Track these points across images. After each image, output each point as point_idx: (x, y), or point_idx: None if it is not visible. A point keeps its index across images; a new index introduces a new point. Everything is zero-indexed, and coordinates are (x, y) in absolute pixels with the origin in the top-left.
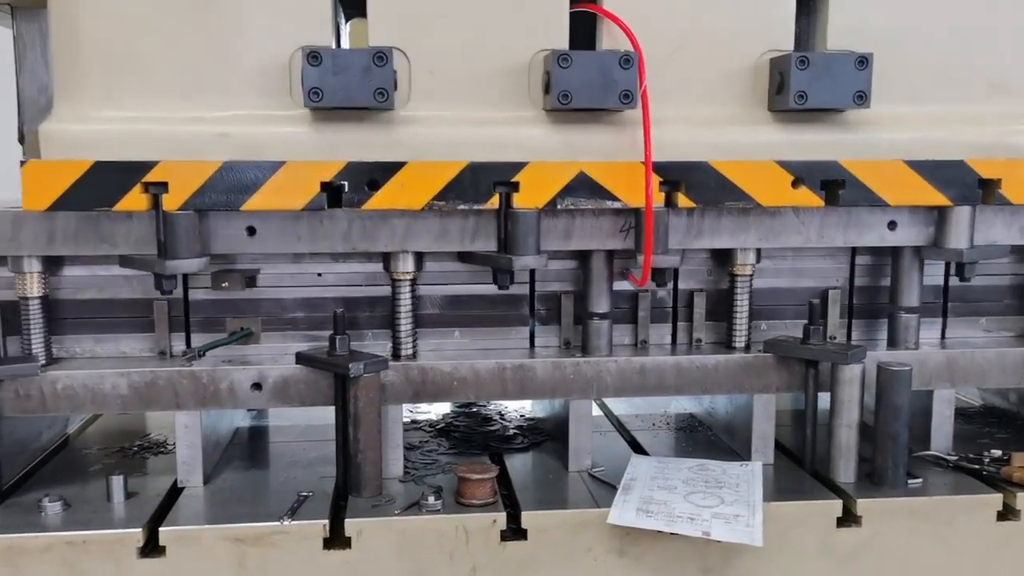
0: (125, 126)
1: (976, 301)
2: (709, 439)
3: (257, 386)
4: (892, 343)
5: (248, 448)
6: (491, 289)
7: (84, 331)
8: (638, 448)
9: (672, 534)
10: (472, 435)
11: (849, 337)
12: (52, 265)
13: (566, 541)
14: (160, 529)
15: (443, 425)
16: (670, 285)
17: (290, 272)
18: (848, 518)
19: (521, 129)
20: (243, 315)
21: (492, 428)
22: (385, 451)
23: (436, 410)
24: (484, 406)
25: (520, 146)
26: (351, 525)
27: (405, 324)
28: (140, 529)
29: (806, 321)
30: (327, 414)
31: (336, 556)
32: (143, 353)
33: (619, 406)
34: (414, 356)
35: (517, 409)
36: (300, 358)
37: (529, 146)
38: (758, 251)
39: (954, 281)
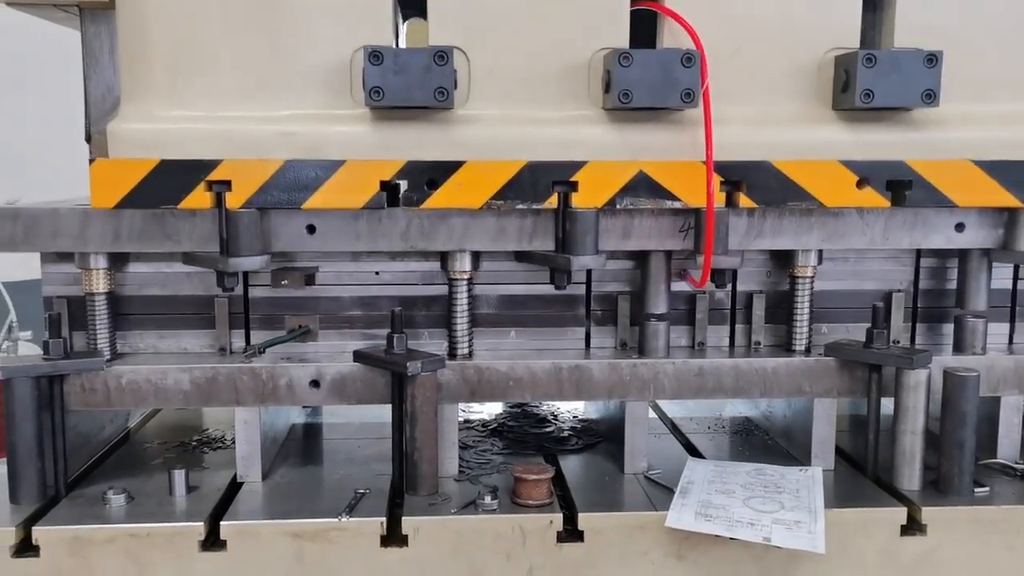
0: (190, 125)
1: None
2: (766, 443)
3: (315, 383)
4: (958, 348)
5: (304, 445)
6: (548, 289)
7: (147, 327)
8: (693, 451)
9: (731, 539)
10: (526, 436)
11: (913, 341)
12: (117, 261)
13: (622, 543)
14: (221, 523)
15: (496, 425)
16: (729, 287)
17: (348, 271)
18: (912, 526)
19: (580, 128)
20: (302, 312)
21: (546, 429)
22: (441, 450)
23: (488, 410)
24: (537, 407)
25: (579, 145)
26: (408, 523)
27: (461, 323)
28: (202, 523)
29: (868, 324)
30: (381, 412)
31: (393, 554)
32: (204, 349)
33: (673, 409)
34: (470, 355)
35: (570, 410)
36: (358, 356)
37: (588, 145)
38: (820, 253)
39: None
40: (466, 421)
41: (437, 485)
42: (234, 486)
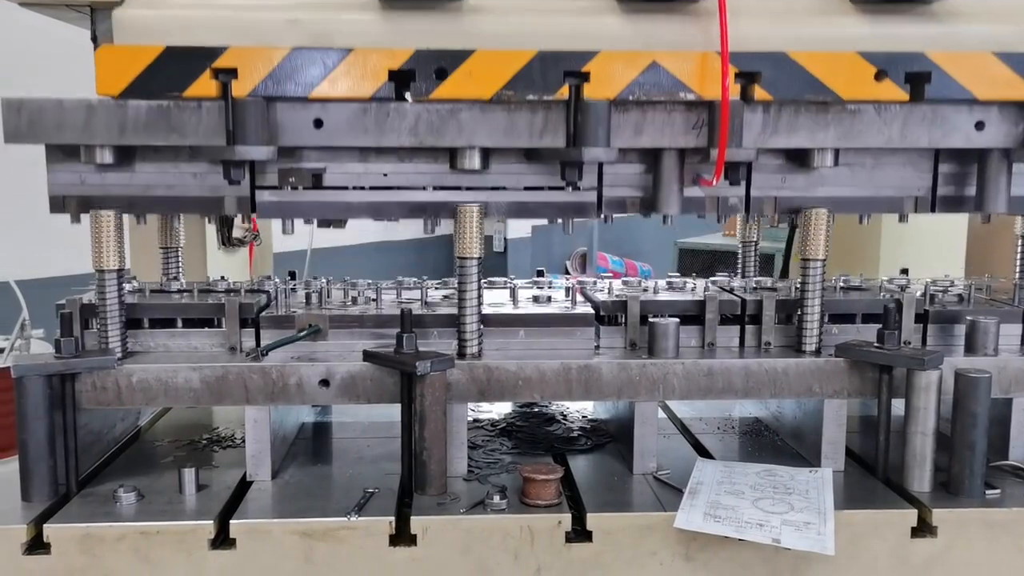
0: (196, 11)
1: None
2: (775, 444)
3: (325, 382)
4: (970, 349)
5: (313, 444)
6: (558, 196)
7: (158, 327)
8: (703, 452)
9: (740, 540)
10: (535, 435)
11: (924, 342)
12: (123, 157)
13: (631, 544)
14: (231, 522)
15: (505, 425)
16: (738, 283)
17: (356, 172)
18: (923, 528)
19: (593, 18)
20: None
21: (554, 429)
22: (450, 449)
23: (497, 410)
24: (546, 406)
25: (591, 35)
26: (417, 523)
27: (470, 323)
28: (212, 521)
29: (880, 325)
30: (390, 411)
31: (401, 553)
32: (214, 348)
33: (682, 409)
34: (479, 355)
35: (579, 410)
36: (367, 356)
37: (600, 36)
38: (836, 153)
39: None
40: (475, 420)
41: (446, 485)
42: (244, 485)
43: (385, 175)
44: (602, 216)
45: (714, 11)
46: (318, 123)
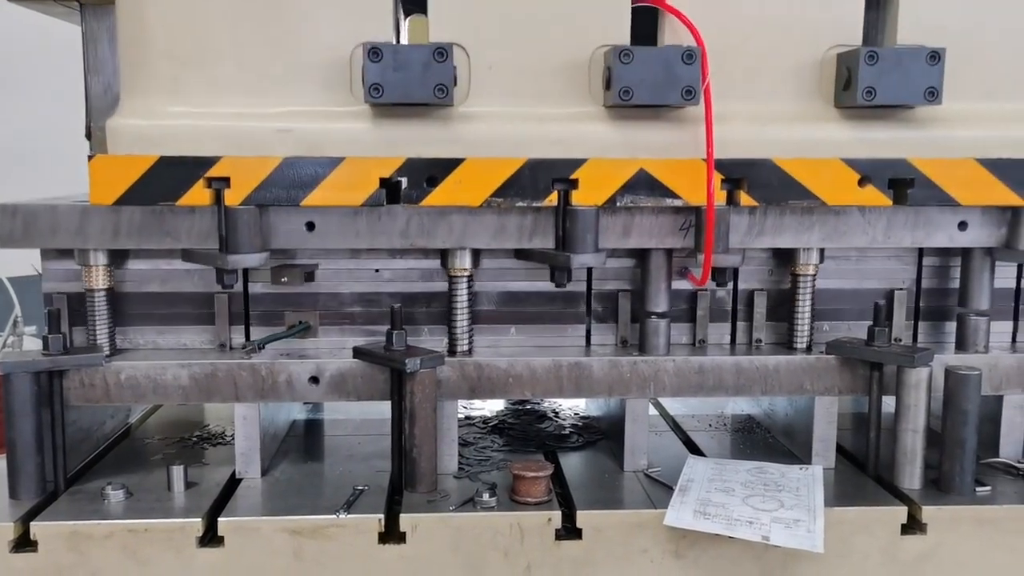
0: (190, 121)
1: None
2: (767, 441)
3: (315, 380)
4: (961, 346)
5: (304, 441)
6: (548, 286)
7: (147, 323)
8: (694, 449)
9: (730, 538)
10: (526, 433)
11: (915, 339)
12: (117, 258)
13: (621, 541)
14: (219, 519)
15: (497, 422)
16: (730, 284)
17: (348, 268)
18: (913, 525)
19: (581, 126)
20: (302, 308)
21: (546, 426)
22: (440, 447)
23: (490, 407)
24: (538, 404)
25: (580, 143)
26: (406, 520)
27: (461, 320)
28: (200, 519)
29: (870, 323)
30: (382, 408)
31: (391, 550)
32: (203, 345)
33: (675, 406)
34: (470, 352)
35: (571, 407)
36: (357, 353)
37: (589, 143)
38: (822, 251)
39: None
40: (467, 418)
41: (436, 482)
42: (233, 482)
43: (377, 271)
44: (591, 312)
45: (700, 118)
46: (310, 226)
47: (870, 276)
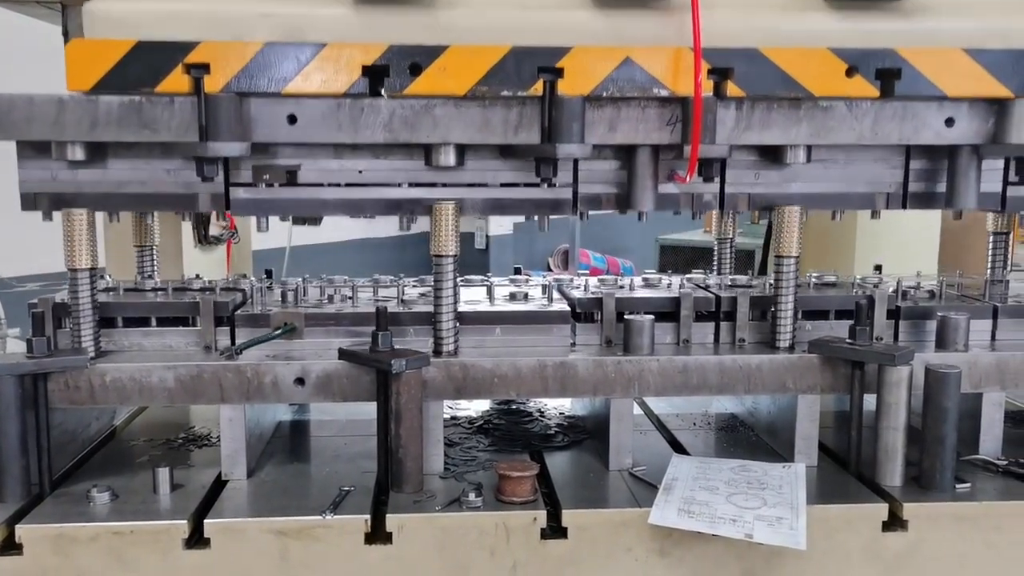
0: (168, 5)
1: None
2: (751, 439)
3: (300, 381)
4: (941, 344)
5: (290, 442)
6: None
7: (131, 325)
8: (679, 448)
9: (714, 536)
10: (512, 433)
11: (896, 338)
12: (95, 154)
13: (607, 540)
14: (205, 521)
15: (482, 422)
16: (713, 280)
17: (331, 169)
18: (894, 522)
19: (566, 13)
20: (283, 212)
21: (532, 426)
22: (426, 447)
23: (475, 407)
24: (524, 403)
25: (565, 31)
26: (392, 520)
27: (447, 320)
28: (186, 521)
29: (852, 322)
30: (368, 409)
31: (377, 551)
32: (189, 347)
33: (659, 405)
34: (455, 353)
35: (557, 407)
36: (343, 354)
37: (574, 31)
38: (809, 150)
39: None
40: (453, 418)
41: (422, 482)
42: (219, 484)
43: (360, 172)
44: (578, 213)
45: (687, 6)
46: (292, 119)
47: (857, 180)
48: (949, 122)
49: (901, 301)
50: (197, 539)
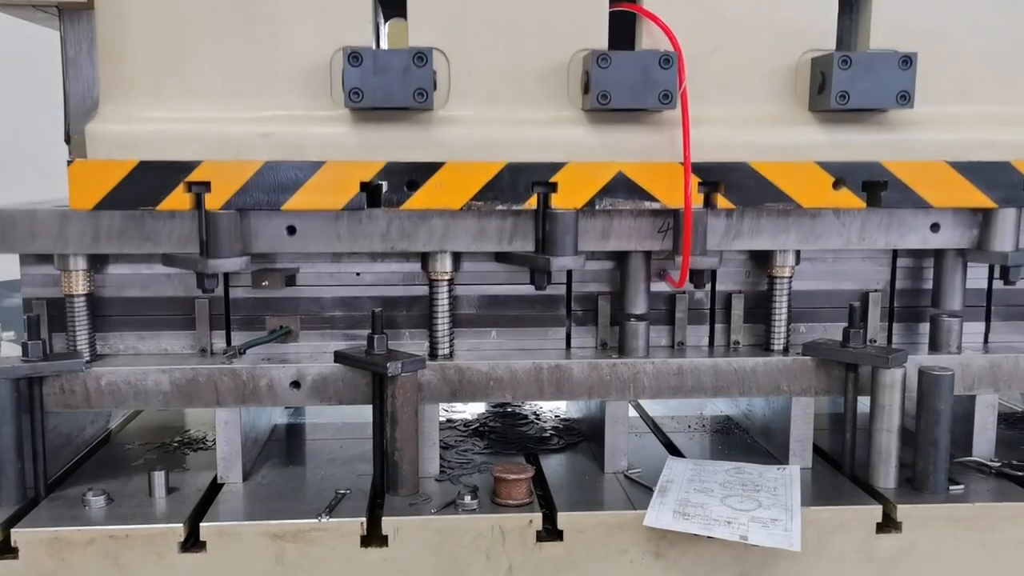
0: (169, 126)
1: (1021, 305)
2: (745, 442)
3: (296, 384)
4: (934, 347)
5: (286, 445)
6: (528, 290)
7: (127, 328)
8: (674, 450)
9: (709, 538)
10: (507, 435)
11: (890, 340)
12: (97, 263)
13: (602, 543)
14: (201, 524)
15: (478, 425)
16: (708, 286)
17: (329, 271)
18: (888, 524)
19: (560, 129)
20: (282, 313)
21: (527, 429)
22: (422, 450)
23: (471, 410)
24: (519, 406)
25: (559, 146)
26: (388, 523)
27: (442, 324)
28: (181, 524)
29: (846, 324)
30: (363, 412)
31: (373, 554)
32: (184, 350)
33: (654, 408)
34: (451, 356)
35: (552, 410)
36: (338, 357)
37: (568, 146)
38: (797, 253)
39: (998, 284)
40: (448, 421)
41: (418, 485)
42: (215, 487)
43: (358, 274)
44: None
45: (677, 121)
46: (291, 230)
47: (845, 277)
48: (935, 227)
49: (894, 303)
50: (193, 542)
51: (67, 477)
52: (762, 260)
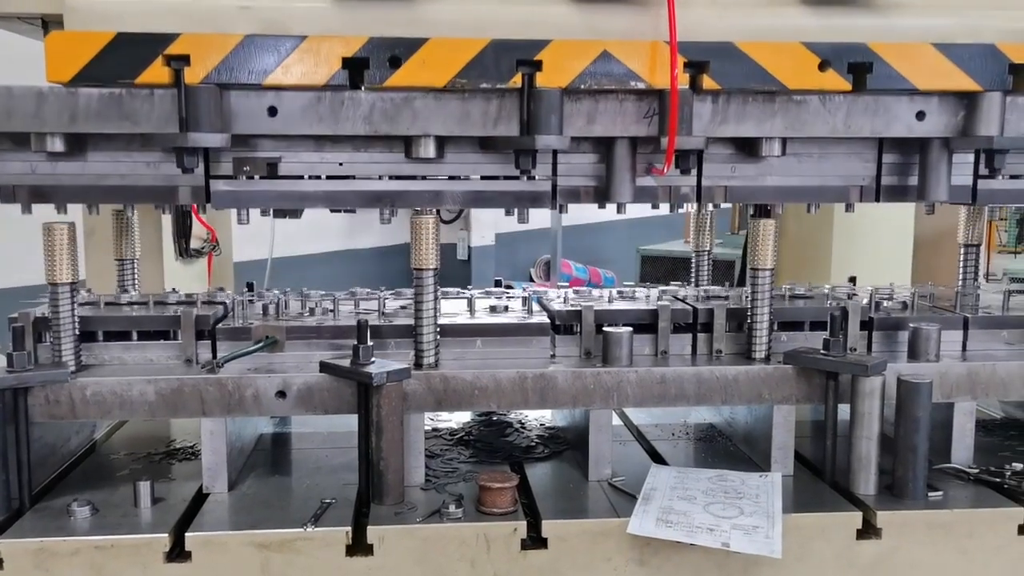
0: None
1: (998, 314)
2: (728, 450)
3: (282, 394)
4: (913, 355)
5: (272, 455)
6: (511, 185)
7: (112, 339)
8: (657, 458)
9: (692, 545)
10: (493, 444)
11: (869, 349)
12: (75, 148)
13: (586, 550)
14: (186, 534)
15: (463, 434)
16: (690, 291)
17: (311, 161)
18: (868, 530)
19: (545, 8)
20: (264, 204)
21: (512, 437)
22: (407, 459)
23: (456, 419)
24: (504, 415)
25: (544, 24)
26: (373, 532)
27: (427, 333)
28: (166, 534)
29: (826, 333)
30: (349, 421)
31: (359, 563)
32: (169, 360)
33: (638, 416)
34: (436, 365)
35: (537, 418)
36: (324, 367)
37: (553, 25)
38: (784, 142)
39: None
40: (434, 430)
41: (403, 494)
42: (200, 497)
43: (341, 164)
44: (558, 206)
45: (663, 1)
46: (272, 111)
47: (831, 174)
48: (920, 115)
49: (874, 312)
50: (178, 553)
51: (52, 488)
52: (748, 150)
